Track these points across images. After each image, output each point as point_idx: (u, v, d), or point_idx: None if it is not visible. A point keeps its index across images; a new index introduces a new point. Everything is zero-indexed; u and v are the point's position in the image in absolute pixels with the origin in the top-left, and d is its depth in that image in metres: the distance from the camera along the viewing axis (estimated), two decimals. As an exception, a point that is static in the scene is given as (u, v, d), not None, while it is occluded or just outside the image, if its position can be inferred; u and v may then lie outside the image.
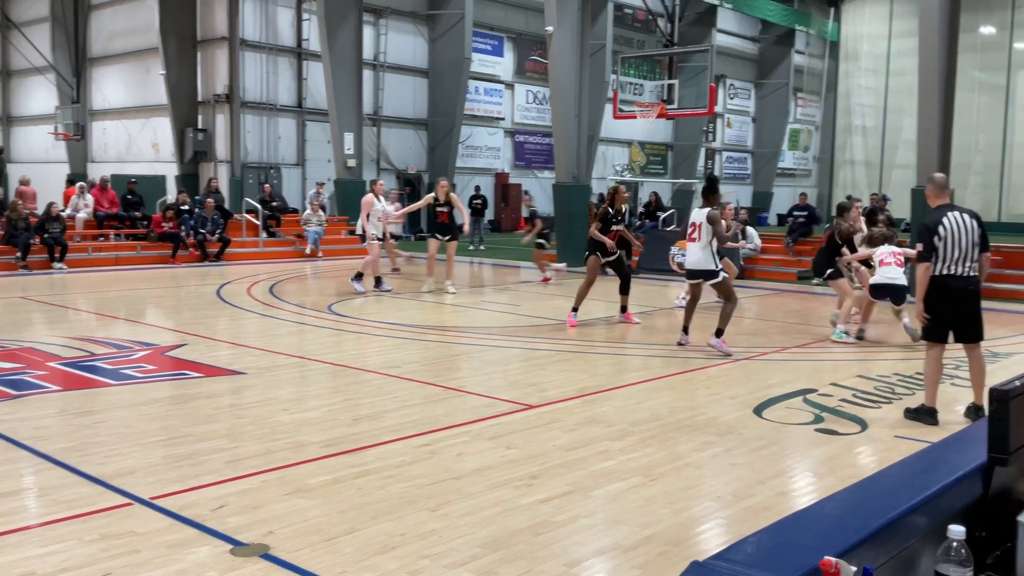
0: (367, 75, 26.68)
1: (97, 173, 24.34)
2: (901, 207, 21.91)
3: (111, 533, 4.10)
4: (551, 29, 18.42)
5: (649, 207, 22.40)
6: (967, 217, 6.32)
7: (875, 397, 7.27)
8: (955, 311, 6.34)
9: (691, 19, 34.09)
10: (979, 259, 6.33)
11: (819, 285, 16.13)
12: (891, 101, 40.10)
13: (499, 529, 4.23)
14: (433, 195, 13.67)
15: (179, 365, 8.08)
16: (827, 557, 1.39)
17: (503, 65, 31.79)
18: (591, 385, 7.53)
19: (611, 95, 21.05)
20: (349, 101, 23.46)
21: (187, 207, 19.12)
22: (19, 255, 16.16)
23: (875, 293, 9.98)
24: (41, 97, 30.00)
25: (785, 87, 40.86)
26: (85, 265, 16.96)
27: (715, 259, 9.10)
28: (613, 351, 9.45)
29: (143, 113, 27.45)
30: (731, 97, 40.67)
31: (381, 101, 28.31)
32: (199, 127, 25.46)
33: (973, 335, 6.43)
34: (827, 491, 4.19)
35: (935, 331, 6.42)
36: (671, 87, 20.45)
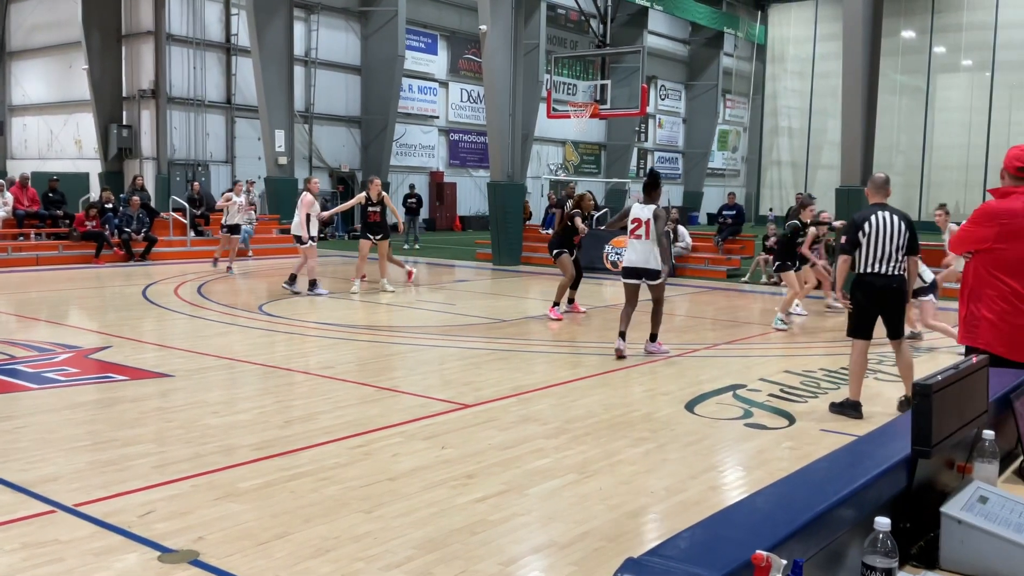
0: (298, 71, 26.33)
1: (17, 170, 23.56)
2: (825, 207, 22.46)
3: (33, 542, 3.97)
4: (485, 28, 18.43)
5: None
6: (896, 218, 6.41)
7: (801, 392, 7.44)
8: (878, 308, 6.51)
9: (623, 20, 34.42)
10: (906, 261, 6.44)
11: (747, 283, 16.47)
12: (816, 103, 41.08)
13: (435, 529, 4.21)
14: (364, 194, 13.54)
15: (104, 368, 7.86)
16: (758, 551, 1.41)
17: (437, 63, 31.68)
18: (526, 383, 7.55)
19: (545, 95, 21.15)
20: (280, 97, 23.11)
21: (111, 205, 18.62)
22: (-67, 255, 15.55)
23: None
24: (-44, 91, 28.92)
25: (714, 89, 41.58)
26: (5, 265, 16.39)
27: (658, 258, 8.63)
28: (548, 349, 9.49)
29: (65, 109, 26.63)
30: (662, 98, 41.21)
31: (313, 98, 27.97)
32: (124, 123, 24.80)
33: (896, 332, 6.61)
34: (757, 485, 4.27)
35: (859, 327, 6.60)
36: (604, 87, 20.64)
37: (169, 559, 3.82)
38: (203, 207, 20.65)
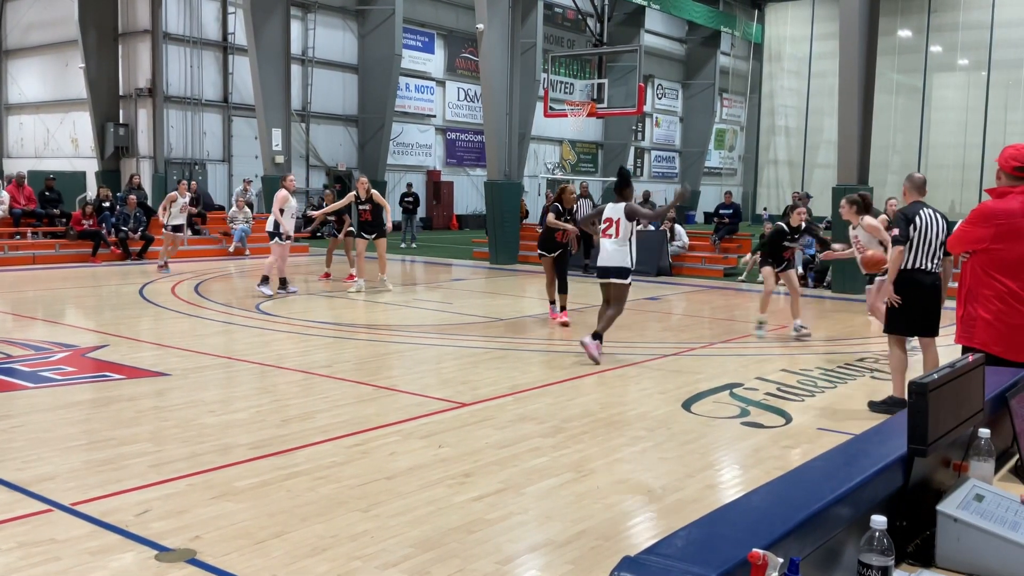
0: (295, 70, 26.30)
1: (13, 169, 23.52)
2: (822, 206, 22.51)
3: (30, 541, 3.97)
4: (482, 27, 18.42)
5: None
6: (939, 216, 6.43)
7: (798, 390, 7.45)
8: (923, 305, 6.41)
9: (620, 19, 34.43)
10: (943, 260, 6.42)
11: (743, 282, 16.48)
12: (812, 102, 41.16)
13: (432, 528, 4.21)
14: (354, 193, 13.55)
15: (100, 367, 7.85)
16: (755, 549, 1.42)
17: (434, 62, 31.67)
18: (523, 382, 7.55)
19: (542, 93, 21.14)
20: (277, 96, 23.08)
21: (108, 204, 18.59)
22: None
23: None
24: (-48, 90, 28.86)
25: (711, 88, 41.59)
26: (1, 264, 16.36)
27: (631, 258, 8.50)
28: (545, 348, 9.49)
29: (62, 107, 26.58)
30: (659, 97, 41.22)
31: (310, 97, 27.95)
32: (120, 122, 24.76)
33: (932, 329, 6.51)
34: (754, 483, 4.27)
35: (901, 324, 6.51)
36: (601, 86, 20.63)
37: (166, 558, 3.82)
38: (200, 206, 20.62)
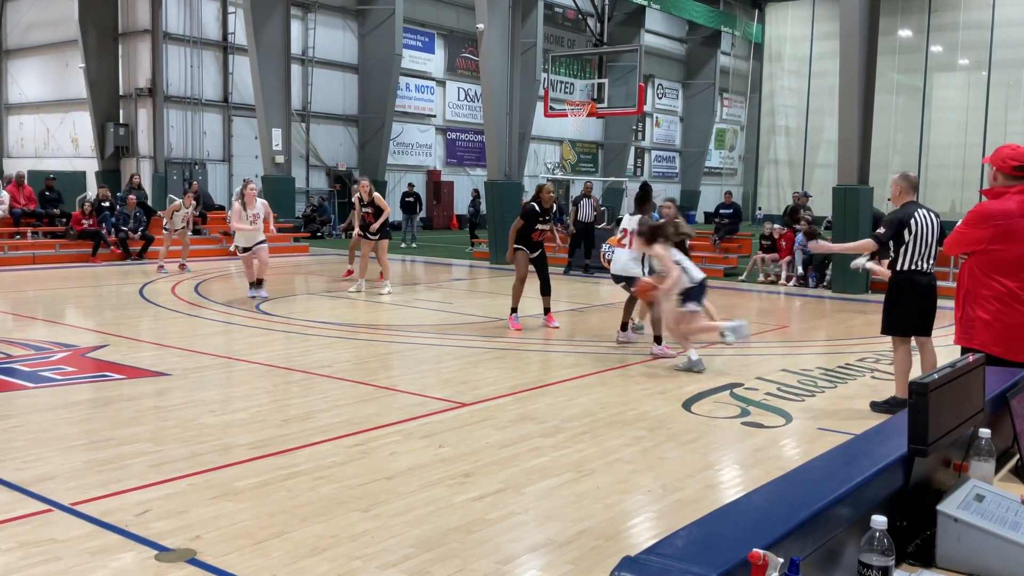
0: (295, 70, 26.31)
1: (13, 169, 23.51)
2: (823, 206, 22.50)
3: (30, 541, 3.97)
4: (482, 27, 18.42)
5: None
6: (932, 215, 6.46)
7: (799, 390, 7.44)
8: (918, 306, 6.46)
9: (620, 19, 34.44)
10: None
11: (744, 282, 16.47)
12: (813, 102, 41.15)
13: (432, 528, 4.21)
14: (357, 195, 13.58)
15: (100, 367, 7.85)
16: (755, 549, 1.41)
17: (434, 62, 31.67)
18: (523, 382, 7.55)
19: (542, 93, 21.14)
20: (277, 96, 23.09)
21: (108, 204, 18.59)
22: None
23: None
24: (-48, 90, 28.86)
25: (711, 87, 41.58)
26: (1, 264, 16.36)
27: (644, 269, 9.05)
28: (545, 348, 9.49)
29: (62, 107, 26.58)
30: (659, 97, 41.22)
31: (310, 96, 27.95)
32: (120, 122, 24.76)
33: (928, 329, 6.56)
34: (754, 483, 4.27)
35: (901, 325, 6.54)
36: (601, 86, 20.63)
37: (166, 558, 3.82)
38: (200, 206, 20.62)
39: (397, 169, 30.14)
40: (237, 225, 12.58)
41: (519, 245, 10.38)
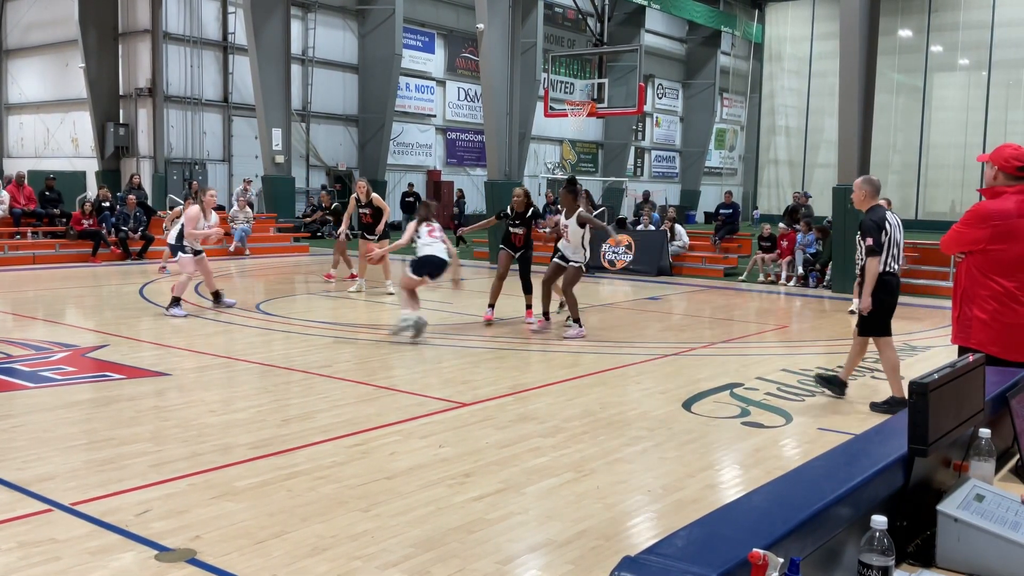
0: (295, 70, 26.31)
1: (13, 168, 23.51)
2: (823, 205, 22.49)
3: (30, 540, 3.96)
4: (482, 26, 18.42)
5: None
6: (896, 218, 6.71)
7: (798, 390, 7.45)
8: (891, 305, 6.68)
9: (620, 19, 34.44)
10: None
11: (744, 282, 16.48)
12: (813, 102, 41.16)
13: (432, 528, 4.21)
14: (355, 196, 13.56)
15: (100, 367, 7.85)
16: (755, 549, 1.41)
17: (434, 62, 31.67)
18: (523, 382, 7.55)
19: (542, 93, 21.14)
20: (277, 96, 23.09)
21: (108, 204, 18.59)
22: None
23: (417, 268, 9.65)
24: (-48, 90, 28.86)
25: (711, 87, 41.59)
26: (1, 264, 16.36)
27: (578, 254, 9.83)
28: (545, 348, 9.49)
29: (62, 107, 26.59)
30: (659, 97, 41.23)
31: (310, 96, 27.95)
32: (121, 122, 24.77)
33: (888, 329, 6.80)
34: (754, 483, 4.27)
35: (879, 325, 6.69)
36: (601, 86, 20.63)
37: (166, 558, 3.82)
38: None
39: (397, 169, 30.15)
40: (192, 231, 11.13)
41: (502, 245, 10.95)
